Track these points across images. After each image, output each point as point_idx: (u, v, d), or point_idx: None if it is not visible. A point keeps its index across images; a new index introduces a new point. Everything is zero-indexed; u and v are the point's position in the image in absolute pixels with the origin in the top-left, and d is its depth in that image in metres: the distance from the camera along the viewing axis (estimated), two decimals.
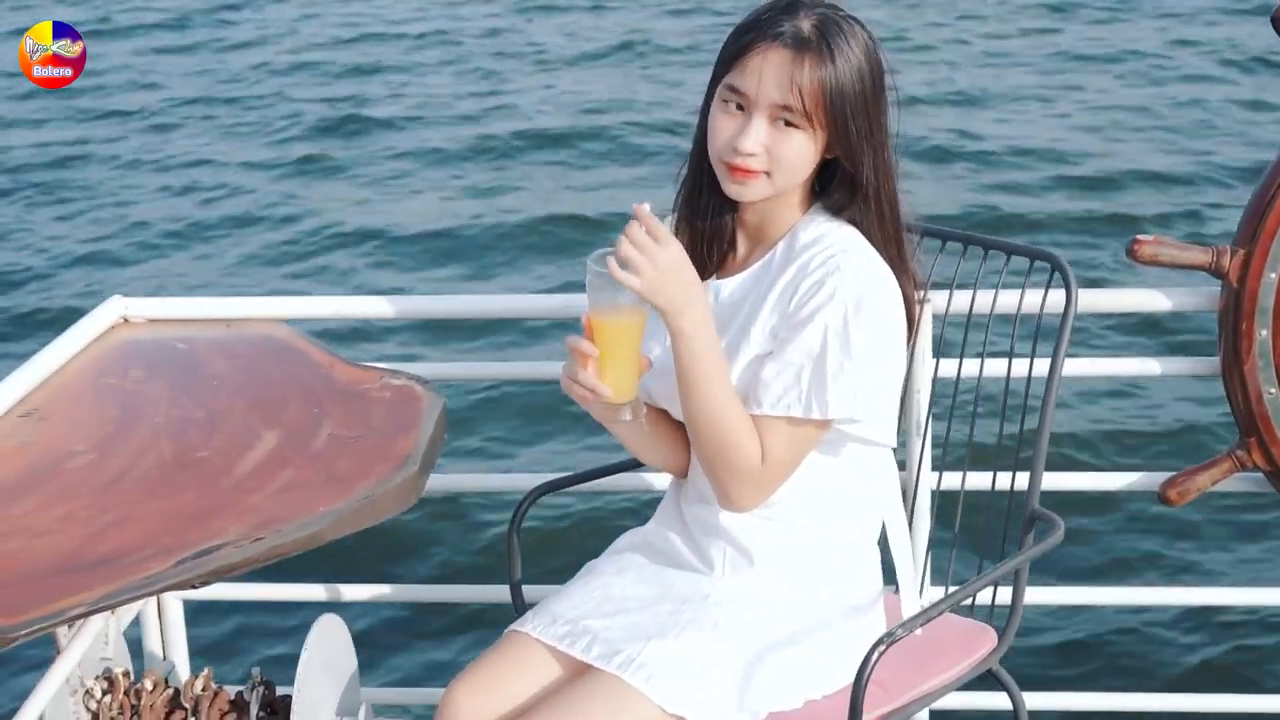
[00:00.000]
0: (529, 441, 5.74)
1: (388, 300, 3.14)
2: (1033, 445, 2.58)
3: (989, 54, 11.95)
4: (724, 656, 2.28)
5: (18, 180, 9.98)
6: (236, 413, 2.59)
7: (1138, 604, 3.22)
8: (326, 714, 2.61)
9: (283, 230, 8.83)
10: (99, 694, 2.61)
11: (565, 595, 2.45)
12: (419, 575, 4.56)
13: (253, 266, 8.27)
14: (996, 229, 8.01)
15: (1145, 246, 2.81)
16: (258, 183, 9.66)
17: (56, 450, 2.47)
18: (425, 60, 12.60)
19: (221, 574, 2.08)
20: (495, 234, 8.55)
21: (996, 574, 2.43)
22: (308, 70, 12.34)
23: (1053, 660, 3.88)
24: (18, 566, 2.09)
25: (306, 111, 11.16)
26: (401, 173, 9.83)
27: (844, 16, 2.21)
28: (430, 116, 10.97)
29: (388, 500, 2.29)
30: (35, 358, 2.77)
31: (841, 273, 2.19)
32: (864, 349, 2.18)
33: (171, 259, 8.46)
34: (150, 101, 11.69)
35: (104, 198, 9.59)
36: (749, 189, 2.24)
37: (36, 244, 8.80)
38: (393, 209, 9.08)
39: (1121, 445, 5.34)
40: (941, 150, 9.56)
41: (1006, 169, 9.20)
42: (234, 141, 10.54)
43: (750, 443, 2.21)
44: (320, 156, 10.16)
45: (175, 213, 9.20)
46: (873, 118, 2.20)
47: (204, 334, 2.98)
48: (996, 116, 10.30)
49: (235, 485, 2.32)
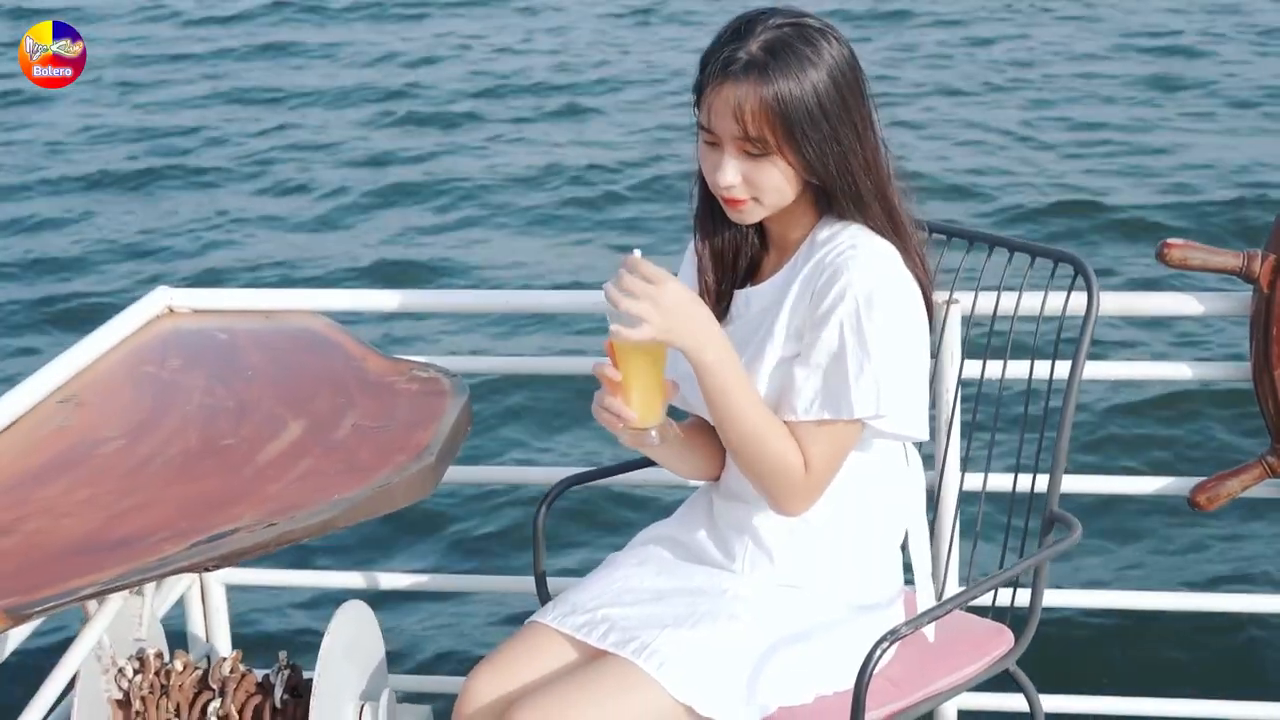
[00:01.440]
0: (557, 433, 5.80)
1: (426, 293, 3.21)
2: (1062, 447, 2.58)
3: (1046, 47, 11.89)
4: (737, 649, 2.30)
5: (85, 169, 10.18)
6: (266, 402, 2.65)
7: (1160, 608, 3.19)
8: (349, 698, 2.66)
9: (344, 224, 8.96)
10: (130, 673, 2.68)
11: (585, 586, 2.49)
12: (455, 565, 4.62)
13: (308, 259, 8.40)
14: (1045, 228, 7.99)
15: (1175, 250, 2.80)
16: (323, 177, 9.79)
17: (89, 435, 2.54)
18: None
19: (233, 559, 2.13)
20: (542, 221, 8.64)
21: (1008, 574, 2.43)
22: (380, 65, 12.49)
23: (1073, 663, 3.86)
24: (38, 547, 2.16)
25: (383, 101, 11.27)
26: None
27: (802, 29, 2.19)
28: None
29: (401, 489, 2.33)
30: (78, 345, 2.86)
31: (850, 269, 2.21)
32: (880, 344, 2.20)
33: (232, 250, 8.60)
34: (221, 87, 11.88)
35: (172, 188, 9.77)
36: (745, 215, 2.28)
37: (97, 233, 8.98)
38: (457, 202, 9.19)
39: (1152, 450, 5.29)
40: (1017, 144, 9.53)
41: (1054, 165, 9.14)
42: (304, 133, 10.68)
43: (792, 453, 2.24)
44: (388, 148, 10.26)
45: (245, 205, 9.35)
46: (838, 123, 2.19)
47: (244, 325, 3.04)
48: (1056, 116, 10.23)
49: (256, 473, 2.38)
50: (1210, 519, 4.64)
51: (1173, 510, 4.85)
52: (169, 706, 2.66)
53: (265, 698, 2.67)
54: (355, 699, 2.68)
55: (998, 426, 2.73)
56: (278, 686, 2.66)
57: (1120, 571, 4.37)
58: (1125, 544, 4.55)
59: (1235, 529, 4.83)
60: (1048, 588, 2.61)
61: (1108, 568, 4.38)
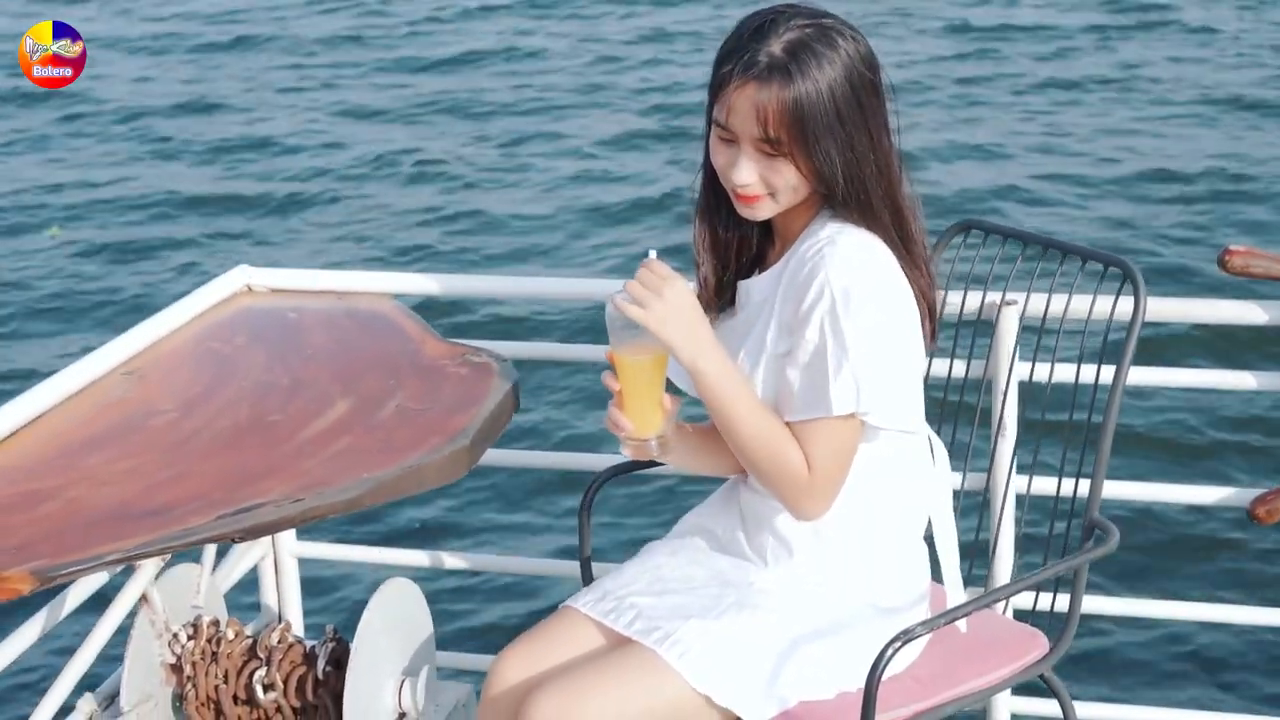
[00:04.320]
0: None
1: (494, 279, 3.26)
2: (1104, 453, 2.55)
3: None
4: (759, 642, 2.32)
5: (190, 146, 10.40)
6: (320, 381, 2.72)
7: (1200, 619, 3.13)
8: (390, 673, 2.73)
9: (438, 209, 9.07)
10: (184, 639, 2.77)
11: (620, 573, 2.52)
12: (533, 545, 4.68)
13: (402, 242, 8.52)
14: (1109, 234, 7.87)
15: (1236, 257, 2.75)
16: (425, 164, 9.94)
17: (144, 407, 2.63)
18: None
19: (257, 532, 2.20)
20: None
21: (1036, 578, 2.41)
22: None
23: (1112, 672, 3.80)
24: (76, 513, 2.25)
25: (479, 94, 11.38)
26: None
27: (823, 29, 2.20)
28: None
29: (432, 471, 2.38)
30: (150, 320, 2.95)
31: (826, 265, 2.21)
32: (857, 340, 2.20)
33: (329, 231, 8.77)
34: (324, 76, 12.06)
35: (284, 167, 9.96)
36: (758, 210, 2.29)
37: (201, 210, 9.22)
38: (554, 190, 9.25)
39: (1213, 459, 5.17)
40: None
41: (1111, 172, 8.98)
42: (420, 128, 10.83)
43: (794, 454, 2.25)
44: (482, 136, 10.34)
45: (342, 186, 9.52)
46: (853, 128, 2.19)
47: (315, 305, 3.12)
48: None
49: (296, 449, 2.44)
50: (1271, 532, 4.54)
51: (1232, 522, 4.76)
52: (218, 673, 2.74)
53: (309, 668, 2.74)
54: (396, 674, 2.74)
55: (1046, 431, 2.70)
56: (321, 658, 2.74)
57: (1172, 582, 4.28)
58: (1181, 554, 4.46)
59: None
60: (1089, 594, 2.59)
61: (1161, 577, 4.29)
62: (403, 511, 5.02)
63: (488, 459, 2.90)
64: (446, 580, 4.25)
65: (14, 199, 9.69)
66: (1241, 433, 5.35)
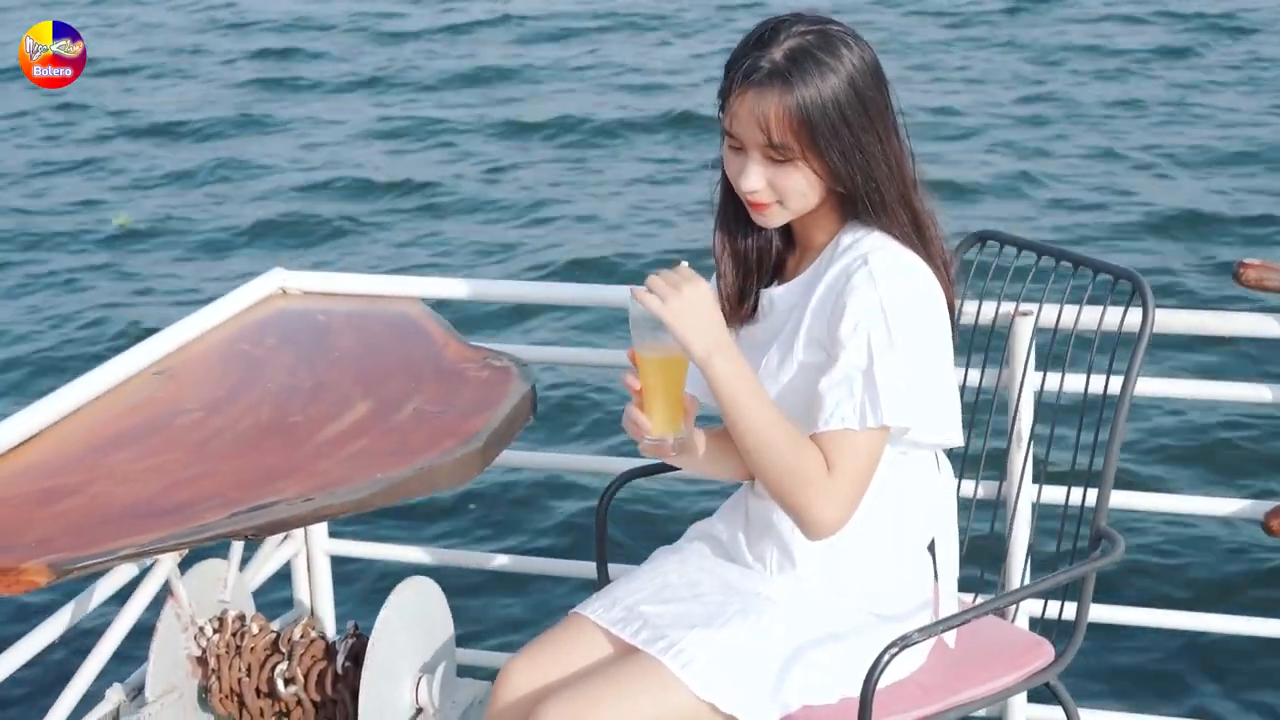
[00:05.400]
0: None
1: (524, 285, 3.32)
2: (1111, 463, 2.57)
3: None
4: (763, 649, 2.35)
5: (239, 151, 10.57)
6: (343, 384, 2.78)
7: (1207, 630, 3.12)
8: (407, 670, 2.79)
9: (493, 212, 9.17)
10: (209, 633, 2.84)
11: (629, 580, 2.56)
12: (565, 547, 4.74)
13: (448, 246, 8.61)
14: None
15: (1251, 270, 2.76)
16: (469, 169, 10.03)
17: (171, 407, 2.70)
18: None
19: (269, 530, 2.27)
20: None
21: (1039, 587, 2.44)
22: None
23: (1121, 681, 3.80)
24: (97, 509, 2.32)
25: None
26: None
27: (826, 36, 2.22)
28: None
29: (443, 473, 2.44)
30: (182, 321, 3.03)
31: (875, 279, 2.23)
32: (906, 353, 2.22)
33: (376, 235, 8.87)
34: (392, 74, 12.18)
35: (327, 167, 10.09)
36: (769, 218, 2.32)
37: (246, 213, 9.36)
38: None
39: (1228, 471, 5.14)
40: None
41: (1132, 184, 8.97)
42: (462, 137, 10.92)
43: (810, 459, 2.23)
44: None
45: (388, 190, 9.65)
46: (860, 132, 2.22)
47: (345, 308, 3.19)
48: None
49: (314, 450, 2.51)
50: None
51: (1245, 533, 4.72)
52: (241, 666, 2.81)
53: (329, 663, 2.81)
54: (414, 671, 2.80)
55: (1056, 441, 2.72)
56: (340, 653, 2.80)
57: (1186, 592, 4.27)
58: (1194, 565, 4.44)
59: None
60: (1100, 604, 2.61)
61: (1174, 588, 4.28)
62: (439, 510, 5.09)
63: (510, 460, 2.96)
64: (475, 578, 4.31)
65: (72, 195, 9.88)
66: (1260, 443, 5.33)
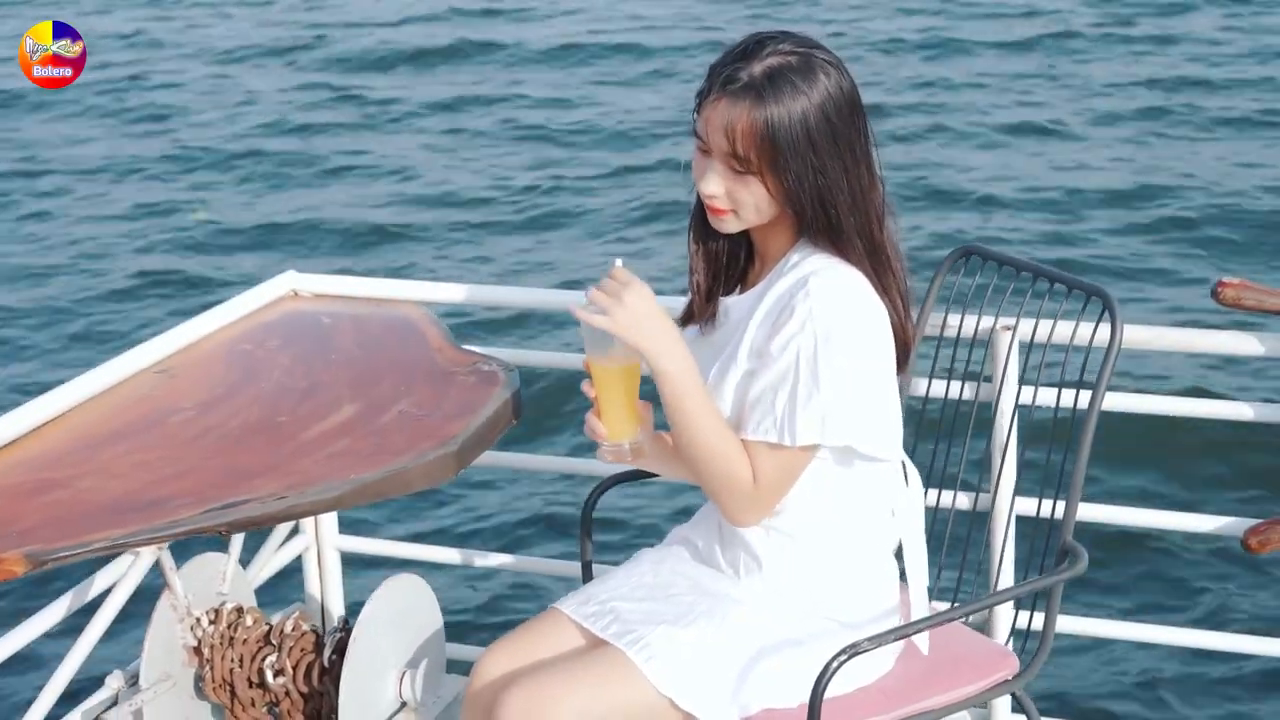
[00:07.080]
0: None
1: (532, 291, 3.41)
2: (1078, 478, 2.61)
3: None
4: (726, 651, 2.41)
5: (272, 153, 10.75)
6: (335, 385, 2.86)
7: (1173, 644, 3.13)
8: (392, 663, 2.87)
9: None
10: (205, 624, 2.93)
11: (607, 578, 2.63)
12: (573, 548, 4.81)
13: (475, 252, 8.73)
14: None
15: (1229, 289, 2.78)
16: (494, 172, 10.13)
17: (167, 405, 2.79)
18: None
19: (240, 526, 2.36)
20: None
21: (999, 599, 2.51)
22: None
23: (1089, 694, 3.81)
24: (82, 502, 2.42)
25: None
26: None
27: (807, 60, 2.27)
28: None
29: (416, 475, 2.51)
30: (191, 320, 3.12)
31: (811, 298, 2.29)
32: (833, 377, 2.28)
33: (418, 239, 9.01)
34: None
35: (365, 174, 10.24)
36: (724, 224, 2.38)
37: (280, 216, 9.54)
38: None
39: (1208, 488, 5.12)
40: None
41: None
42: (484, 141, 11.00)
43: (741, 468, 2.34)
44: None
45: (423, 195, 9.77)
46: (826, 157, 2.27)
47: (350, 310, 3.27)
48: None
49: (296, 449, 2.59)
50: (1264, 562, 4.51)
51: (1225, 551, 4.73)
52: (234, 657, 2.90)
53: (317, 656, 2.89)
54: (399, 665, 2.88)
55: (1027, 454, 2.76)
56: (328, 646, 2.88)
57: (1160, 607, 4.27)
58: (1171, 581, 4.43)
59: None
60: (1072, 616, 2.64)
61: (1149, 602, 4.28)
62: (454, 509, 5.18)
63: (493, 461, 3.02)
64: (483, 576, 4.39)
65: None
66: (1236, 463, 5.32)
